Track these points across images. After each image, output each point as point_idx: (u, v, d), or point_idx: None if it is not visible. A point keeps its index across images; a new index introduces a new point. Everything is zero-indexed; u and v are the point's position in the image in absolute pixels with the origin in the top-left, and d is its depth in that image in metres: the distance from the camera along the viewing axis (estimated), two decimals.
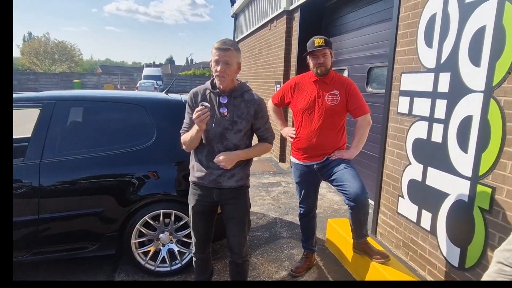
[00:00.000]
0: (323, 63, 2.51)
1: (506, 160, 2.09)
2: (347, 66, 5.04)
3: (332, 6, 5.48)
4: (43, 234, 2.54)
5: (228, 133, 1.99)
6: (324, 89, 2.56)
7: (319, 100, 2.55)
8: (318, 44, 2.49)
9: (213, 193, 2.06)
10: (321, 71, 2.53)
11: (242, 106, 2.01)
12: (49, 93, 2.89)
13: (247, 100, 2.03)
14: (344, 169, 2.50)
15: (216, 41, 1.93)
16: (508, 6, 2.08)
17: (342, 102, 2.54)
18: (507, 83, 2.09)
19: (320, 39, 2.50)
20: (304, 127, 2.61)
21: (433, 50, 2.69)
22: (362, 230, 2.61)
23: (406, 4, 3.03)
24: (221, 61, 1.89)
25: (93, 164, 2.62)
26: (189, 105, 2.08)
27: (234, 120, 1.99)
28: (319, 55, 2.51)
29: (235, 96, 2.01)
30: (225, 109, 1.99)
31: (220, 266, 2.96)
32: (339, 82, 2.58)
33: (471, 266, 2.33)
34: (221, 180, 2.02)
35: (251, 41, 9.12)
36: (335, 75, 2.61)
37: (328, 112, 2.53)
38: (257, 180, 5.56)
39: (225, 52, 1.88)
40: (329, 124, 2.55)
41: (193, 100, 2.05)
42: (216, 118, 1.98)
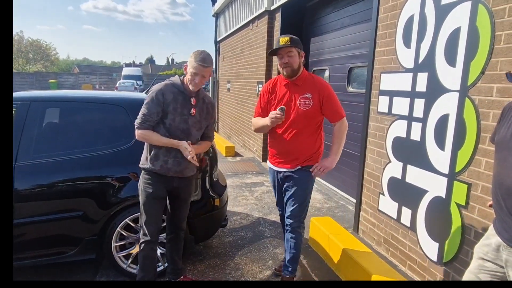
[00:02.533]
0: (288, 63, 2.35)
1: (481, 157, 2.16)
2: (328, 66, 5.10)
3: (313, 6, 5.53)
4: (19, 239, 2.44)
5: (193, 130, 2.30)
6: (296, 91, 2.41)
7: (291, 104, 2.40)
8: (282, 43, 2.33)
9: (174, 181, 2.31)
10: (287, 72, 2.38)
11: (204, 107, 2.36)
12: (24, 93, 2.78)
13: (207, 102, 2.39)
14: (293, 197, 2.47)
15: (197, 53, 2.20)
16: (482, 8, 2.15)
17: (315, 106, 2.38)
18: (481, 83, 2.16)
19: (285, 37, 2.34)
20: (277, 133, 2.47)
21: (411, 51, 2.76)
22: (287, 260, 2.56)
23: (385, 5, 3.09)
24: (200, 74, 2.20)
25: (71, 166, 2.54)
26: (158, 99, 2.19)
27: (199, 119, 2.32)
28: (284, 54, 2.35)
29: (200, 98, 2.33)
30: (194, 109, 2.28)
31: (203, 267, 2.94)
32: (312, 84, 2.41)
33: (449, 260, 2.41)
34: (185, 171, 2.31)
35: (233, 40, 9.09)
36: (307, 76, 2.45)
37: (300, 117, 2.38)
38: (240, 180, 5.55)
39: (205, 69, 2.20)
40: (302, 129, 2.40)
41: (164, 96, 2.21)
42: (185, 116, 2.25)
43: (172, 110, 2.21)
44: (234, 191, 4.94)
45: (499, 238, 1.54)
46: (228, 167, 6.37)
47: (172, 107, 2.21)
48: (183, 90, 2.25)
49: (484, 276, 1.61)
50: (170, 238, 2.50)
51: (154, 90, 2.22)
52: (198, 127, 2.33)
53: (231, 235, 3.57)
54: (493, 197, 1.59)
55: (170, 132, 2.23)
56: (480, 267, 1.64)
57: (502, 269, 1.55)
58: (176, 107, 2.22)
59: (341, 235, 3.07)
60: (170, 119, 2.22)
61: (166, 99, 2.20)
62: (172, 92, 2.22)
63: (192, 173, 2.41)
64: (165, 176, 2.27)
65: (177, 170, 2.28)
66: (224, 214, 3.19)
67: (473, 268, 1.68)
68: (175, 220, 2.47)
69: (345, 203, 4.56)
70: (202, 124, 2.36)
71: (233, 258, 3.12)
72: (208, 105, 2.38)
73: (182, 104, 2.24)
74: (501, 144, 1.55)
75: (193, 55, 2.20)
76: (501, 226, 1.53)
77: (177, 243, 2.52)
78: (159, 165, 2.24)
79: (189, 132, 2.28)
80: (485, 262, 1.62)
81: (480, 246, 1.67)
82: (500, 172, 1.53)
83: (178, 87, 2.25)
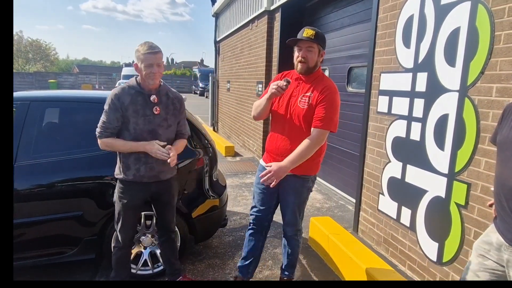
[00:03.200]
0: (305, 58, 2.14)
1: (480, 157, 2.16)
2: (328, 66, 5.10)
3: (313, 6, 5.53)
4: (18, 239, 2.44)
5: (160, 129, 2.18)
6: (302, 89, 2.22)
7: (291, 101, 2.22)
8: (306, 35, 2.11)
9: (152, 187, 2.23)
10: (301, 68, 2.18)
11: (169, 103, 2.22)
12: (23, 93, 2.78)
13: (172, 98, 2.25)
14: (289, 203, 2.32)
15: (141, 46, 2.07)
16: (481, 8, 2.15)
17: (311, 107, 2.16)
18: (481, 83, 2.16)
19: (312, 30, 2.13)
20: (275, 128, 2.33)
21: (411, 51, 2.76)
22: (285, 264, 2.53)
23: (385, 5, 3.09)
24: (154, 63, 2.06)
25: (70, 166, 2.54)
26: (115, 105, 2.09)
27: (165, 117, 2.19)
28: (303, 47, 2.15)
29: (162, 94, 2.19)
30: (156, 107, 2.15)
31: (203, 267, 2.94)
32: (320, 84, 2.19)
33: (449, 260, 2.41)
34: (161, 174, 2.22)
35: (233, 40, 9.09)
36: (319, 76, 2.24)
37: (296, 116, 2.18)
38: (240, 180, 5.55)
39: (156, 55, 2.07)
40: (298, 129, 2.18)
41: (120, 101, 2.09)
42: (148, 117, 2.13)
43: (133, 113, 2.10)
44: (233, 191, 4.94)
45: (501, 237, 1.54)
46: (227, 167, 6.37)
47: (132, 109, 2.09)
48: (141, 90, 2.13)
49: (483, 274, 1.61)
50: (162, 241, 2.49)
51: (109, 95, 2.11)
52: (166, 125, 2.20)
53: (231, 235, 3.57)
54: (495, 197, 1.59)
55: (136, 136, 2.12)
56: (480, 265, 1.64)
57: (502, 267, 1.56)
58: (136, 109, 2.10)
59: (341, 235, 3.07)
60: (133, 122, 2.10)
61: (123, 103, 2.08)
62: (129, 95, 2.11)
63: (171, 175, 2.31)
64: (140, 183, 2.19)
65: (151, 175, 2.19)
66: (224, 214, 3.19)
67: (472, 266, 1.68)
68: (163, 224, 2.43)
69: (345, 203, 4.57)
70: (170, 122, 2.21)
71: (233, 258, 3.12)
72: (174, 100, 2.25)
73: (142, 105, 2.11)
74: (504, 144, 1.54)
75: (138, 51, 2.07)
76: (504, 226, 1.53)
77: (170, 245, 2.50)
78: (131, 174, 2.16)
79: (156, 132, 2.16)
80: (485, 260, 1.62)
81: (479, 244, 1.67)
82: (502, 173, 1.53)
83: (135, 88, 2.13)
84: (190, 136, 2.86)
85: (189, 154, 2.82)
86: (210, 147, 3.02)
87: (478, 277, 1.63)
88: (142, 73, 2.08)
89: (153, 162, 2.17)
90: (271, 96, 2.20)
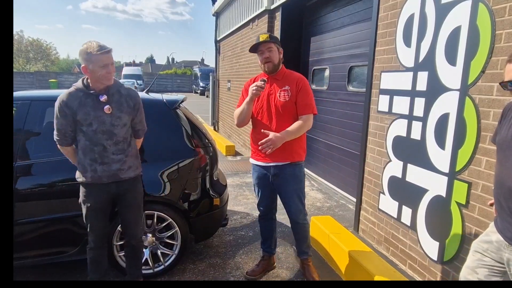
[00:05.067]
0: (269, 58, 2.45)
1: (481, 156, 2.16)
2: (328, 65, 5.09)
3: (313, 5, 5.53)
4: (19, 239, 2.45)
5: (116, 128, 2.12)
6: (276, 85, 2.49)
7: (271, 98, 2.49)
8: (262, 39, 2.44)
9: (112, 187, 2.18)
10: (268, 67, 2.48)
11: (122, 100, 2.15)
12: (24, 93, 2.78)
13: (125, 95, 2.17)
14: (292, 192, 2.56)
15: (90, 47, 1.99)
16: (482, 7, 2.15)
17: (293, 97, 2.46)
18: (482, 82, 2.16)
19: (265, 34, 2.48)
20: (258, 127, 2.52)
21: (412, 50, 2.75)
22: (302, 247, 2.76)
23: (385, 4, 3.08)
24: (109, 63, 2.02)
25: (71, 165, 2.53)
26: (63, 111, 2.05)
27: (118, 116, 2.12)
28: (264, 50, 2.46)
29: (112, 92, 2.12)
30: (107, 106, 2.09)
31: (204, 266, 2.94)
32: (291, 77, 2.52)
33: (450, 259, 2.41)
34: (120, 173, 2.17)
35: (233, 40, 9.08)
36: (286, 72, 2.56)
37: (281, 109, 2.45)
38: (241, 179, 5.55)
39: (109, 55, 2.02)
40: (283, 122, 2.44)
41: (68, 106, 2.04)
42: (101, 117, 2.07)
43: (84, 116, 2.05)
44: (234, 190, 4.94)
45: (501, 237, 1.54)
46: (228, 167, 6.37)
47: (83, 112, 2.04)
48: (89, 91, 2.07)
49: (482, 271, 1.61)
50: (124, 244, 2.41)
51: (57, 101, 2.05)
52: (122, 123, 2.14)
53: (232, 234, 3.57)
54: (495, 197, 1.59)
55: (91, 137, 2.08)
56: (478, 261, 1.64)
57: (502, 264, 1.56)
58: (87, 111, 2.05)
59: (342, 234, 3.07)
60: (86, 125, 2.06)
61: (72, 108, 2.03)
62: (77, 98, 2.05)
63: (134, 173, 2.23)
64: (100, 184, 2.14)
65: (110, 175, 2.14)
66: (225, 213, 3.19)
67: (470, 262, 1.68)
68: (125, 227, 2.33)
69: (346, 202, 4.57)
70: (124, 120, 2.15)
71: (234, 257, 3.12)
72: (128, 96, 2.17)
73: (93, 106, 2.06)
74: (503, 144, 1.54)
75: (86, 53, 1.97)
76: (503, 225, 1.53)
77: (130, 252, 2.38)
78: (89, 176, 2.12)
79: (112, 132, 2.11)
80: (484, 257, 1.62)
81: (478, 242, 1.67)
82: (502, 172, 1.53)
83: (83, 90, 2.07)
84: (191, 136, 2.87)
85: (190, 153, 2.82)
86: (210, 146, 3.02)
87: (476, 273, 1.63)
88: (96, 74, 2.01)
89: (109, 162, 2.13)
90: (252, 97, 2.44)
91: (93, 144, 2.10)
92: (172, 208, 2.72)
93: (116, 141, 2.14)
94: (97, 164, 2.12)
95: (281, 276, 2.85)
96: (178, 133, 2.82)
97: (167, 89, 34.41)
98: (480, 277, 1.62)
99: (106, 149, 2.12)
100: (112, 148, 2.13)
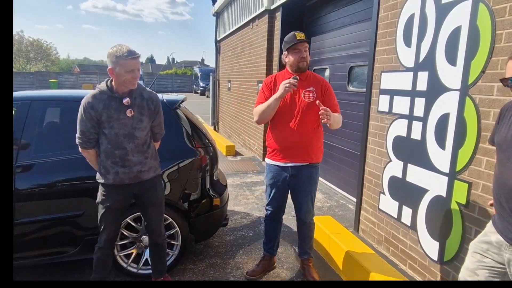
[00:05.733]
0: (305, 58, 2.48)
1: (481, 156, 2.16)
2: (328, 65, 5.09)
3: (313, 5, 5.53)
4: (20, 239, 2.45)
5: (137, 131, 2.16)
6: (300, 86, 2.50)
7: (295, 97, 2.50)
8: (300, 38, 2.43)
9: (134, 188, 2.22)
10: (303, 66, 2.49)
11: (143, 104, 2.19)
12: (24, 93, 2.78)
13: (147, 98, 2.21)
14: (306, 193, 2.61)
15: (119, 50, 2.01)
16: (482, 7, 2.15)
17: (318, 98, 2.49)
18: (482, 82, 2.16)
19: (301, 33, 2.47)
20: (281, 126, 2.52)
21: (412, 50, 2.75)
22: (305, 247, 2.79)
23: (385, 4, 3.08)
24: (135, 69, 2.06)
25: (71, 166, 2.54)
26: (88, 113, 2.08)
27: (140, 119, 2.17)
28: (302, 49, 2.46)
29: (135, 96, 2.16)
30: (129, 109, 2.13)
31: (204, 266, 2.94)
32: (314, 79, 2.57)
33: (450, 259, 2.40)
34: (140, 174, 2.21)
35: (233, 40, 9.08)
36: (309, 73, 2.60)
37: (305, 109, 2.48)
38: (241, 179, 5.55)
39: (137, 61, 2.06)
40: (307, 121, 2.49)
41: (94, 108, 2.08)
42: (123, 120, 2.11)
43: (107, 118, 2.09)
44: (234, 191, 4.94)
45: (500, 237, 1.54)
46: (228, 167, 6.37)
47: (106, 115, 2.08)
48: (113, 94, 2.11)
49: (483, 272, 1.61)
50: (149, 244, 2.47)
51: (81, 104, 2.09)
52: (142, 126, 2.18)
53: (232, 234, 3.57)
54: (495, 197, 1.59)
55: (113, 140, 2.12)
56: (478, 263, 1.63)
57: (502, 265, 1.56)
58: (110, 114, 2.09)
59: (342, 234, 3.07)
60: (108, 127, 2.10)
61: (97, 110, 2.07)
62: (101, 100, 2.10)
63: (154, 174, 2.29)
64: (121, 186, 2.18)
65: (131, 177, 2.18)
66: (225, 214, 3.19)
67: (470, 264, 1.67)
68: (148, 225, 2.38)
69: (346, 202, 4.56)
70: (145, 123, 2.19)
71: (234, 257, 3.12)
72: (149, 100, 2.21)
73: (116, 109, 2.10)
74: (502, 145, 1.54)
75: (116, 55, 2.00)
76: (504, 226, 1.53)
77: (155, 250, 2.45)
78: (111, 178, 2.16)
79: (133, 135, 2.15)
80: (484, 258, 1.62)
81: (477, 243, 1.67)
82: (502, 173, 1.53)
83: (107, 93, 2.11)
84: (191, 136, 2.87)
85: (190, 153, 2.82)
86: (210, 146, 3.02)
87: (477, 275, 1.63)
88: (121, 78, 2.04)
89: (130, 164, 2.16)
90: (283, 94, 2.40)
91: (114, 147, 2.13)
92: (172, 208, 2.72)
93: (137, 144, 2.17)
94: (118, 167, 2.15)
95: (281, 276, 2.85)
96: (178, 133, 2.81)
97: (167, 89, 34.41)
98: (481, 278, 1.61)
99: (127, 152, 2.15)
100: (133, 150, 2.16)
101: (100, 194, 2.23)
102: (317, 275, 2.73)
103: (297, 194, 2.63)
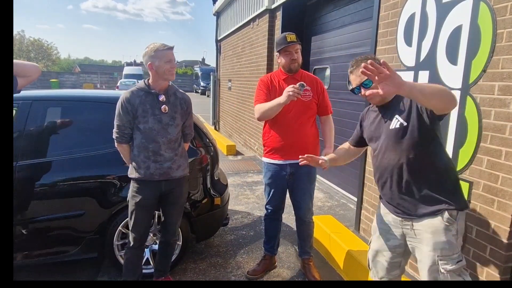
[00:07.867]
0: (296, 59, 2.51)
1: (482, 155, 2.16)
2: (329, 64, 5.09)
3: (314, 4, 5.52)
4: (21, 239, 2.45)
5: (170, 127, 2.23)
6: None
7: None
8: (291, 40, 2.47)
9: (162, 185, 2.26)
10: (294, 68, 2.53)
11: (177, 102, 2.28)
12: (25, 92, 2.78)
13: (180, 98, 2.30)
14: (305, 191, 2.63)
15: (155, 45, 2.12)
16: (483, 6, 2.14)
17: (314, 98, 2.57)
18: (483, 81, 2.16)
19: (292, 34, 2.49)
20: (279, 125, 2.54)
21: (413, 49, 2.75)
22: (305, 247, 2.79)
23: (386, 3, 3.08)
24: (172, 59, 2.15)
25: (72, 165, 2.55)
26: (125, 108, 2.16)
27: (173, 116, 2.24)
28: (293, 51, 2.50)
29: (169, 94, 2.26)
30: (164, 106, 2.21)
31: (205, 265, 2.95)
32: (309, 78, 2.60)
33: None
34: (170, 171, 2.25)
35: (234, 39, 9.08)
36: (303, 72, 2.63)
37: (302, 108, 2.52)
38: (242, 179, 5.56)
39: (172, 51, 2.15)
40: (304, 120, 2.54)
41: (130, 103, 2.16)
42: (157, 116, 2.19)
43: (143, 113, 2.17)
44: (235, 190, 4.94)
45: (394, 216, 1.78)
46: (229, 166, 6.38)
47: (142, 109, 2.16)
48: (150, 90, 2.19)
49: (387, 253, 1.83)
50: (160, 241, 2.50)
51: (120, 99, 2.18)
52: (175, 123, 2.26)
53: (233, 234, 3.57)
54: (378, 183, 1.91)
55: (147, 135, 2.18)
56: (383, 246, 1.85)
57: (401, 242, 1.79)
58: (145, 109, 2.17)
59: (343, 233, 3.07)
60: (143, 122, 2.17)
61: (133, 104, 2.15)
62: (138, 96, 2.18)
63: (182, 173, 2.33)
64: (151, 181, 2.23)
65: (161, 172, 2.22)
66: (225, 213, 3.19)
67: (375, 245, 1.90)
68: (164, 224, 2.43)
69: (347, 201, 4.56)
70: (178, 121, 2.27)
71: (235, 256, 3.12)
72: (182, 100, 2.31)
73: (151, 104, 2.18)
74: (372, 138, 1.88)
75: (154, 50, 2.10)
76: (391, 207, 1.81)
77: (164, 248, 2.49)
78: (142, 172, 2.20)
79: (166, 130, 2.21)
80: (387, 240, 1.84)
81: (378, 225, 1.92)
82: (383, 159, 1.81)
83: (144, 89, 2.20)
84: None
85: (191, 153, 2.82)
86: (211, 146, 3.02)
87: (383, 256, 1.84)
88: (161, 69, 2.13)
89: (161, 160, 2.21)
90: (286, 101, 2.32)
91: (148, 141, 2.19)
92: None
93: (169, 140, 2.23)
94: (150, 162, 2.20)
95: (282, 276, 2.85)
96: None
97: None
98: (387, 259, 1.84)
99: (160, 147, 2.20)
100: (165, 146, 2.22)
101: (131, 190, 2.27)
102: (318, 275, 2.73)
103: (296, 193, 2.64)
